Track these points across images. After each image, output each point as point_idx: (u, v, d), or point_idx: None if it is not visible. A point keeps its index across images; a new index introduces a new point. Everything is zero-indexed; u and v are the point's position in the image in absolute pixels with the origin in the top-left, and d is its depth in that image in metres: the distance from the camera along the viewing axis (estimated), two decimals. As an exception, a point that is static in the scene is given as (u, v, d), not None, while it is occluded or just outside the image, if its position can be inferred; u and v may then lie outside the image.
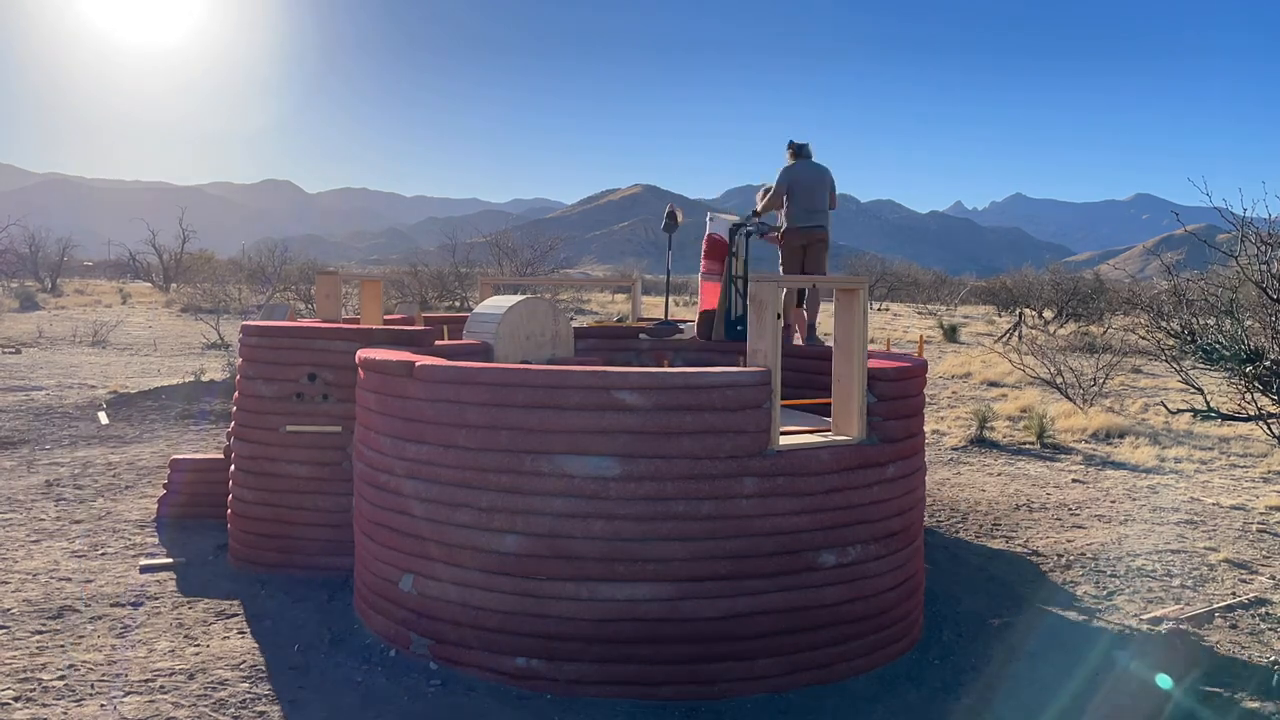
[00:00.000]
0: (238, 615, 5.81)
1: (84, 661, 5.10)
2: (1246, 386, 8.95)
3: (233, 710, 4.60)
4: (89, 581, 6.35)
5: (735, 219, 8.51)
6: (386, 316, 8.16)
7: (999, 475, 10.03)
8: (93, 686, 4.81)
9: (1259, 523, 8.28)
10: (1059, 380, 14.95)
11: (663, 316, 9.61)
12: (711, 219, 8.59)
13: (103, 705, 4.62)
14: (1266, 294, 8.85)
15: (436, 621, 4.99)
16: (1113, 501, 9.01)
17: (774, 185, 8.50)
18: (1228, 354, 8.68)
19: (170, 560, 6.81)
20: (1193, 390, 10.31)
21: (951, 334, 26.52)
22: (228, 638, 5.47)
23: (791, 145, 8.59)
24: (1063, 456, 11.02)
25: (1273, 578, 6.86)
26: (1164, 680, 5.66)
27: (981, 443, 11.58)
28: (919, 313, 41.64)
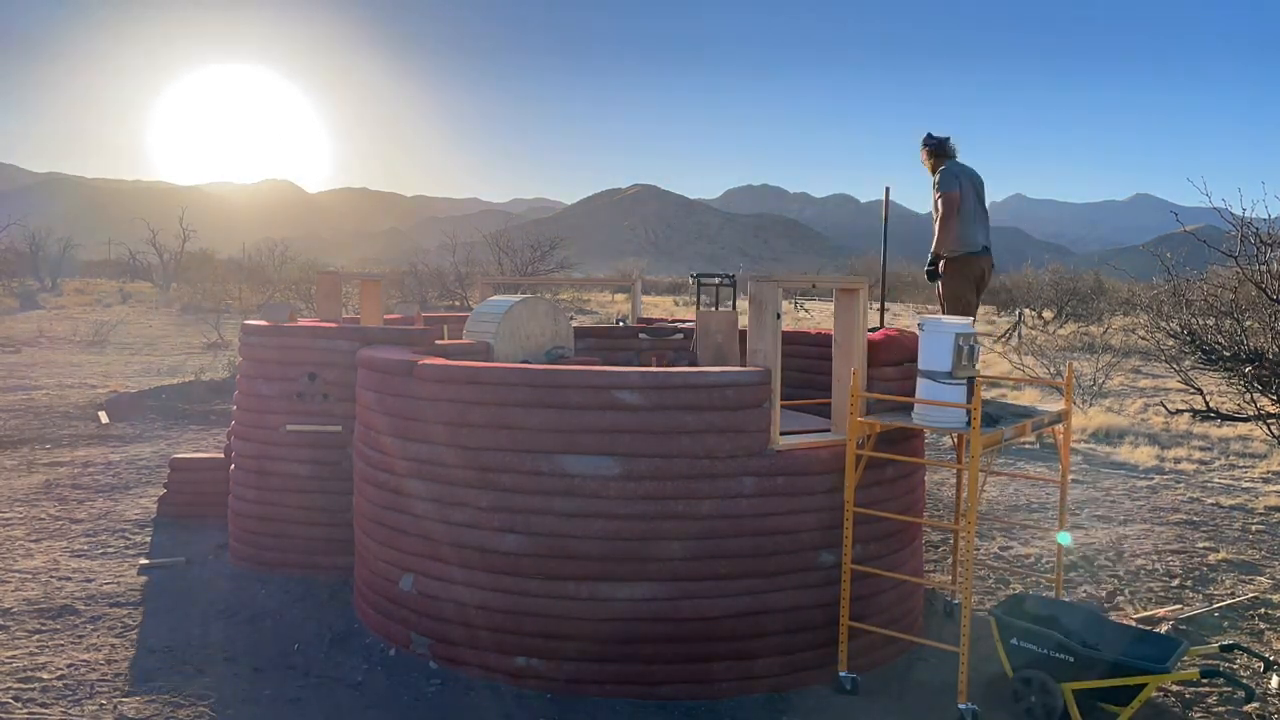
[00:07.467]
0: (237, 615, 5.81)
1: (84, 661, 5.10)
2: (1246, 386, 8.95)
3: (232, 710, 4.60)
4: (89, 581, 6.35)
5: None
6: (386, 316, 8.15)
7: (999, 475, 10.03)
8: (93, 687, 4.81)
9: (1259, 523, 8.28)
10: (1059, 380, 14.94)
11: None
12: None
13: (102, 705, 4.62)
14: (1266, 294, 8.84)
15: (437, 621, 4.99)
16: (1113, 501, 9.01)
17: (942, 195, 6.47)
18: (1228, 354, 8.67)
19: (170, 560, 6.81)
20: (1193, 390, 10.31)
21: (951, 334, 26.51)
22: (228, 638, 5.46)
23: (933, 141, 6.67)
24: (1063, 456, 11.01)
25: (1273, 578, 6.86)
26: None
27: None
28: (919, 312, 41.58)
